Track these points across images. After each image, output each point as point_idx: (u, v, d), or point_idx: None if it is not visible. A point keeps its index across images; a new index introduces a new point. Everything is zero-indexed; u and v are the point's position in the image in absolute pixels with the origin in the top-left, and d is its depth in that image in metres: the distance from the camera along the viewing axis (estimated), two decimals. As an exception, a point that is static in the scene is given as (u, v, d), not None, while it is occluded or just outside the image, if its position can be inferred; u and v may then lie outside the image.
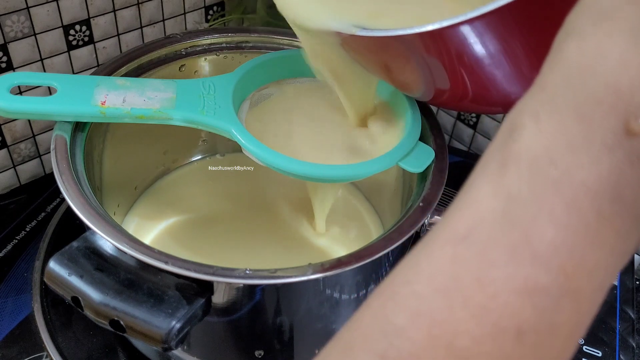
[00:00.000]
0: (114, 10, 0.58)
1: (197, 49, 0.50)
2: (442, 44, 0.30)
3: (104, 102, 0.39)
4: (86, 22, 0.56)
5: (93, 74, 0.45)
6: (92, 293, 0.32)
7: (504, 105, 0.33)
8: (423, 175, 0.41)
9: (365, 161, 0.40)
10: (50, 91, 0.53)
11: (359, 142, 0.43)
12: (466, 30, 0.28)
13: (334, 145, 0.43)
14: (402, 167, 0.40)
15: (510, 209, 0.18)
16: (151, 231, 0.50)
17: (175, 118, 0.40)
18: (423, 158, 0.41)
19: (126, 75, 0.46)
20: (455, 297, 0.17)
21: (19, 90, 0.55)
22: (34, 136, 0.58)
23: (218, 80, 0.43)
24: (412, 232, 0.36)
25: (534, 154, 0.18)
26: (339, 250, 0.49)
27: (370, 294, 0.20)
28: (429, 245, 0.19)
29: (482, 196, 0.18)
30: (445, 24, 0.28)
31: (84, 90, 0.40)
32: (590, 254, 0.17)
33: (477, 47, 0.29)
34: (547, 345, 0.17)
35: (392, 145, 0.41)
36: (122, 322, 0.31)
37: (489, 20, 0.27)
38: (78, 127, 0.41)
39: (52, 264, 0.33)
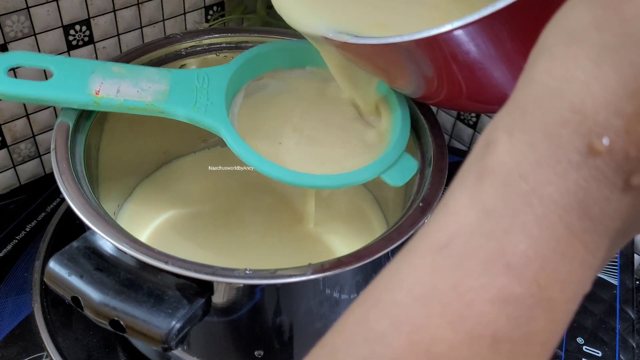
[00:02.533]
0: (114, 10, 0.58)
1: (197, 49, 0.50)
2: (435, 50, 0.30)
3: (98, 91, 0.40)
4: (86, 22, 0.56)
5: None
6: (92, 293, 0.32)
7: (500, 104, 0.34)
8: (423, 175, 0.41)
9: (349, 172, 0.40)
10: (46, 74, 0.53)
11: (355, 136, 0.43)
12: (459, 36, 0.28)
13: (328, 141, 0.43)
14: (383, 180, 0.40)
15: (486, 221, 0.18)
16: (149, 224, 0.50)
17: (167, 112, 0.41)
18: (406, 171, 0.41)
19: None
20: (433, 305, 0.18)
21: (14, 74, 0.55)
22: (34, 136, 0.58)
23: (213, 72, 0.43)
24: (412, 232, 0.36)
25: (507, 168, 0.18)
26: (339, 245, 0.49)
27: (354, 301, 0.21)
28: (410, 254, 0.20)
29: (460, 208, 0.19)
30: (434, 32, 0.28)
31: (79, 77, 0.40)
32: (562, 266, 0.18)
33: (471, 51, 0.30)
34: (522, 353, 0.18)
35: (387, 141, 0.41)
36: (122, 322, 0.31)
37: (481, 26, 0.27)
38: (80, 118, 0.42)
39: (52, 264, 0.33)
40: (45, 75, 0.54)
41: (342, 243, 0.49)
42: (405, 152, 0.41)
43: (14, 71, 0.53)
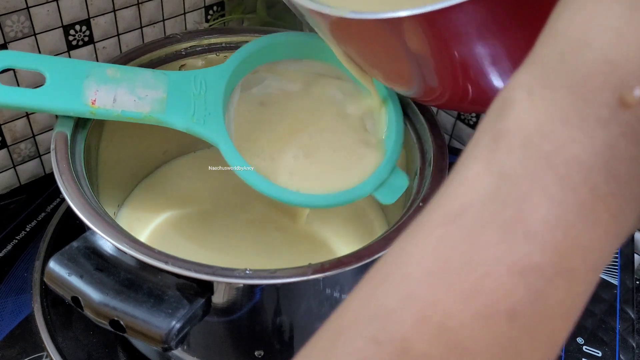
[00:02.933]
0: (114, 10, 0.58)
1: (197, 49, 0.50)
2: (435, 29, 0.29)
3: (94, 100, 0.39)
4: (86, 22, 0.56)
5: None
6: (92, 293, 0.32)
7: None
8: (423, 175, 0.41)
9: (341, 191, 0.40)
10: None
11: (351, 148, 0.43)
12: (460, 14, 0.28)
13: (324, 155, 0.43)
14: (375, 197, 0.41)
15: (502, 187, 0.17)
16: (148, 224, 0.50)
17: (165, 122, 0.40)
18: (397, 189, 0.41)
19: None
20: (445, 279, 0.17)
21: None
22: (34, 136, 0.58)
23: (210, 73, 0.42)
24: (412, 232, 0.36)
25: (527, 129, 0.17)
26: (339, 245, 0.49)
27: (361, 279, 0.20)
28: (420, 228, 0.19)
29: (473, 175, 0.18)
30: (438, 6, 0.27)
31: (73, 82, 0.39)
32: (585, 232, 0.17)
33: (471, 35, 0.29)
34: (541, 327, 0.17)
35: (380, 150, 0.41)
36: (122, 322, 0.31)
37: (483, 5, 0.27)
38: (79, 124, 0.41)
39: (52, 264, 0.33)
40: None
41: (342, 243, 0.49)
42: (396, 168, 0.41)
43: (14, 72, 0.53)
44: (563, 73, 0.17)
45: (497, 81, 0.33)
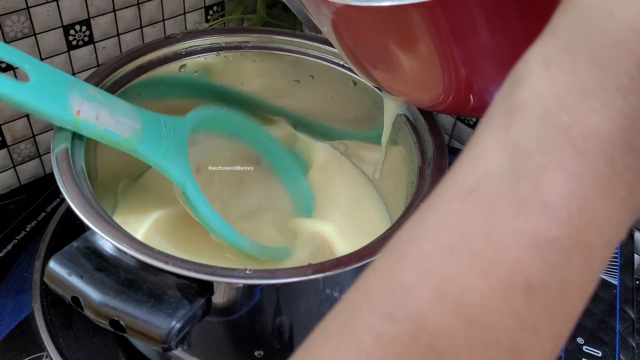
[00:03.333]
0: (114, 10, 0.58)
1: (197, 49, 0.50)
2: (440, 18, 0.29)
3: (79, 111, 0.37)
4: (86, 22, 0.56)
5: (93, 74, 0.45)
6: (92, 293, 0.32)
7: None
8: (423, 175, 0.41)
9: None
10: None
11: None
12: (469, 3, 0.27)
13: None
14: None
15: (518, 160, 0.17)
16: (146, 223, 0.49)
17: (139, 152, 0.40)
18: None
19: (126, 75, 0.46)
20: (462, 253, 0.17)
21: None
22: (34, 136, 0.58)
23: (175, 123, 0.44)
24: (412, 232, 0.36)
25: (544, 101, 0.17)
26: (341, 245, 0.49)
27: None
28: (436, 202, 0.19)
29: (488, 149, 0.18)
30: None
31: (59, 89, 0.37)
32: (601, 206, 0.17)
33: (475, 27, 0.29)
34: (557, 302, 0.17)
35: None
36: (122, 322, 0.31)
37: None
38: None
39: (52, 264, 0.33)
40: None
41: (343, 242, 0.49)
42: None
43: (14, 72, 0.53)
44: (583, 43, 0.17)
45: (498, 81, 0.33)
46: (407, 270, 0.18)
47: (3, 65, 0.52)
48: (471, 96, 0.35)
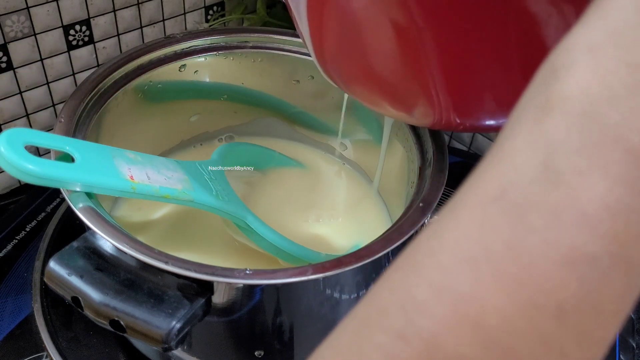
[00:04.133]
0: (114, 10, 0.58)
1: (197, 49, 0.50)
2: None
3: (132, 176, 0.37)
4: (86, 22, 0.56)
5: (93, 74, 0.45)
6: (92, 293, 0.32)
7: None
8: (423, 175, 0.41)
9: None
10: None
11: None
12: None
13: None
14: None
15: (553, 162, 0.15)
16: (146, 223, 0.49)
17: (196, 200, 0.39)
18: None
19: (126, 76, 0.46)
20: (484, 269, 0.15)
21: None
22: (34, 136, 0.58)
23: (207, 165, 0.45)
24: (412, 232, 0.36)
25: (590, 94, 0.15)
26: (341, 245, 0.49)
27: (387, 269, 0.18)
28: (455, 209, 0.16)
29: (517, 149, 0.16)
30: None
31: (104, 160, 0.36)
32: None
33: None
34: (591, 324, 0.15)
35: None
36: (122, 322, 0.31)
37: None
38: (79, 124, 0.41)
39: (52, 264, 0.33)
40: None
41: (343, 242, 0.49)
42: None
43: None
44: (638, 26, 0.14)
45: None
46: (421, 285, 0.16)
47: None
48: (454, 115, 0.35)
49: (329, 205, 0.53)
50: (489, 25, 0.29)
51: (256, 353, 0.39)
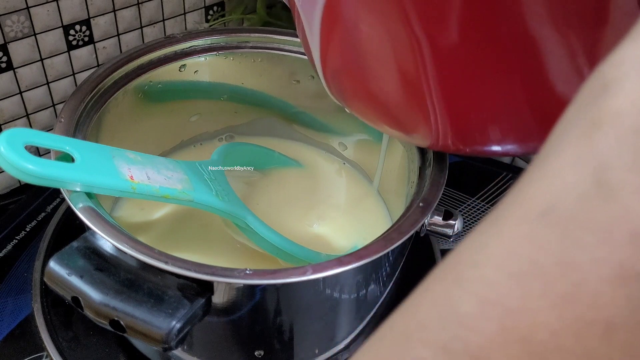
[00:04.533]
0: (114, 10, 0.58)
1: (197, 49, 0.50)
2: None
3: (132, 176, 0.37)
4: (86, 22, 0.56)
5: (93, 74, 0.45)
6: (92, 293, 0.32)
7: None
8: (423, 175, 0.41)
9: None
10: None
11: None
12: None
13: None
14: None
15: (604, 178, 0.14)
16: (146, 223, 0.49)
17: (196, 200, 0.39)
18: None
19: (126, 75, 0.46)
20: (532, 284, 0.15)
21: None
22: (34, 136, 0.58)
23: (207, 165, 0.45)
24: (412, 232, 0.36)
25: None
26: (341, 245, 0.49)
27: (428, 277, 0.18)
28: (500, 223, 0.16)
29: (566, 164, 0.15)
30: None
31: (104, 160, 0.37)
32: None
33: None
34: (638, 342, 0.15)
35: None
36: (122, 322, 0.31)
37: None
38: (79, 124, 0.41)
39: (52, 264, 0.33)
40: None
41: (343, 242, 0.49)
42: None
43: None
44: None
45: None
46: (466, 298, 0.16)
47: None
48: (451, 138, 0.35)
49: (329, 205, 0.53)
50: (492, 58, 0.29)
51: (256, 353, 0.39)
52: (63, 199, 0.55)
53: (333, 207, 0.53)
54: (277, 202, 0.52)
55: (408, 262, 0.43)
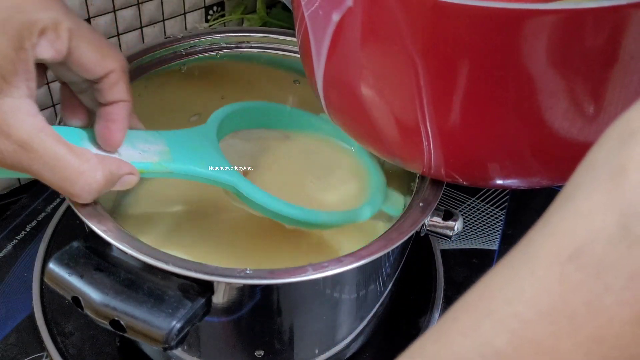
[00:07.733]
0: (114, 10, 0.58)
1: (197, 49, 0.50)
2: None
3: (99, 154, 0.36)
4: (86, 22, 0.56)
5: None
6: (92, 293, 0.32)
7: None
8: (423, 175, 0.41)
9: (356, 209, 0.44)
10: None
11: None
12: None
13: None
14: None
15: (630, 225, 0.15)
16: (147, 223, 0.49)
17: (175, 172, 0.39)
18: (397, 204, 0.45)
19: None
20: (563, 324, 0.16)
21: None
22: (34, 136, 0.58)
23: (201, 132, 0.44)
24: (412, 232, 0.36)
25: None
26: (341, 245, 0.49)
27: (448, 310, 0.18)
28: (532, 262, 0.17)
29: (593, 209, 0.16)
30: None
31: (73, 139, 0.35)
32: None
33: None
34: None
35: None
36: (122, 322, 0.31)
37: None
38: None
39: (52, 264, 0.33)
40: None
41: (343, 242, 0.49)
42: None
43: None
44: None
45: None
46: (499, 333, 0.17)
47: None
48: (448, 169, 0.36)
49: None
50: (494, 100, 0.30)
51: (256, 353, 0.39)
52: (63, 199, 0.55)
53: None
54: (287, 166, 0.50)
55: (408, 262, 0.43)
